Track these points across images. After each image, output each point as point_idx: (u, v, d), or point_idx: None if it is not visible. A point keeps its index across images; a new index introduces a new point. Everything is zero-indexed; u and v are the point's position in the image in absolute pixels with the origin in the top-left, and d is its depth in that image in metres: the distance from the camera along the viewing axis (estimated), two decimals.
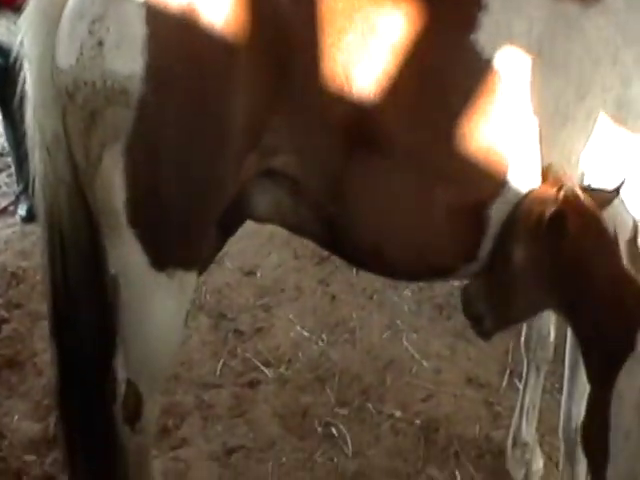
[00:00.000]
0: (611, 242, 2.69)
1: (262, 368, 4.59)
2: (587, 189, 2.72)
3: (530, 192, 2.73)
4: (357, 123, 2.68)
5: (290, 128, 2.67)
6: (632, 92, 2.81)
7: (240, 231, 3.25)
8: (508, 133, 2.75)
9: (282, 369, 4.61)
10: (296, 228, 3.05)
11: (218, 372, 4.56)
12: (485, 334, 2.88)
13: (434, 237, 2.86)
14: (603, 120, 2.81)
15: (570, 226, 2.58)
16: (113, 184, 2.60)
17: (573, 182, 2.70)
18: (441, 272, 3.08)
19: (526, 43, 2.74)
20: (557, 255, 2.63)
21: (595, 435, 2.68)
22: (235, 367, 4.61)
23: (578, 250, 2.63)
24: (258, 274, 5.50)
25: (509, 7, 2.74)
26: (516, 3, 2.75)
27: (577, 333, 2.79)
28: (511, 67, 2.72)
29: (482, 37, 2.70)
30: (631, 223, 2.86)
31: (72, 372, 3.03)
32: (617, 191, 2.71)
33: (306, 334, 4.88)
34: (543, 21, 2.76)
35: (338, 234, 2.91)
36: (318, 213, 2.87)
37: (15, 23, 2.86)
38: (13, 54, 2.78)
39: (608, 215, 2.75)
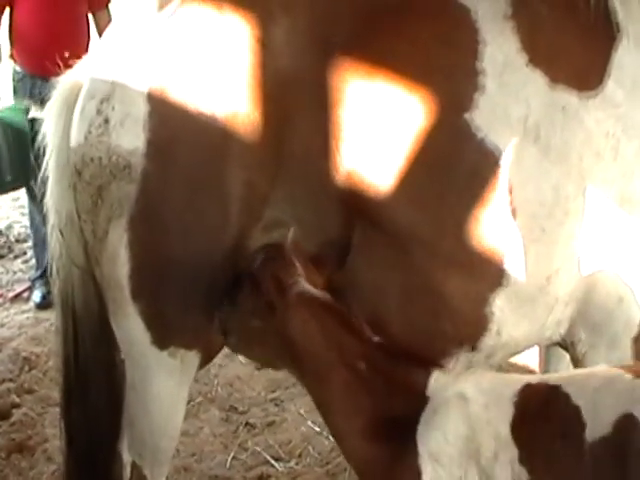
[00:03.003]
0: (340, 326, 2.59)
1: (272, 462, 4.54)
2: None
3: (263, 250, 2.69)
4: (352, 197, 2.69)
5: (291, 201, 2.72)
6: (635, 186, 2.73)
7: None
8: (503, 222, 2.68)
9: (292, 463, 4.56)
10: None
11: (228, 465, 4.52)
12: (231, 348, 2.85)
13: (433, 320, 2.77)
14: (607, 215, 2.73)
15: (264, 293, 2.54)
16: (118, 257, 2.69)
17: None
18: (440, 356, 2.86)
19: (522, 129, 2.68)
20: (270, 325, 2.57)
21: None
22: (245, 460, 4.57)
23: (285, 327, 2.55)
24: (269, 368, 5.49)
25: (506, 90, 2.68)
26: (513, 87, 2.69)
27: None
28: (507, 151, 2.67)
29: (477, 117, 2.67)
30: (638, 320, 2.77)
31: (80, 455, 3.06)
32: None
33: (317, 429, 4.83)
34: (540, 109, 2.69)
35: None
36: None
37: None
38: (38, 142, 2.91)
39: (615, 313, 2.74)
